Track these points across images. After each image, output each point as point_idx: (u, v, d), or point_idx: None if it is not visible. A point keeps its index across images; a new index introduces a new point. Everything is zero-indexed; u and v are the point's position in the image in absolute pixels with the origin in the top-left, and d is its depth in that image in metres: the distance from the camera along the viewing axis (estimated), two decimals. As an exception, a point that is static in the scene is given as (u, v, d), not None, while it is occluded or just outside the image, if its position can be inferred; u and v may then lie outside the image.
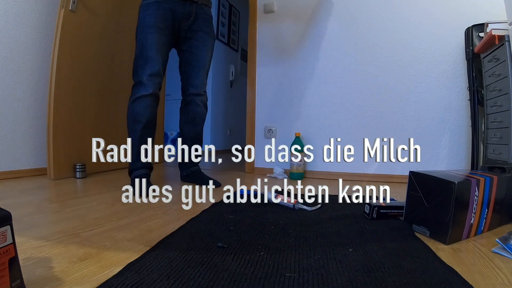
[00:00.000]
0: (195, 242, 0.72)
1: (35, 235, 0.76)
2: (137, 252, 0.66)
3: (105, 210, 1.03)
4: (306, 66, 1.96)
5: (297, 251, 0.68)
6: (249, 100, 2.10)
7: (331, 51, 1.91)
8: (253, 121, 2.09)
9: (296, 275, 0.56)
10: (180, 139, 1.42)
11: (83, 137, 1.76)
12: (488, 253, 0.69)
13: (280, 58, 2.02)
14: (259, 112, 2.08)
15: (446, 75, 1.72)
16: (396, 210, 0.94)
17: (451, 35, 1.69)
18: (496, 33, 1.26)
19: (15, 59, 1.64)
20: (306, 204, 1.07)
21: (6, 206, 0.48)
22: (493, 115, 1.37)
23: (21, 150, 1.69)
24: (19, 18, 1.64)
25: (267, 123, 2.06)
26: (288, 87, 2.00)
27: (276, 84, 2.03)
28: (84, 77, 1.80)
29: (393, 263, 0.61)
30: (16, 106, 1.66)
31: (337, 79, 1.89)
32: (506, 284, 0.54)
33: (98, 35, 1.85)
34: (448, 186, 0.74)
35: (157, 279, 0.53)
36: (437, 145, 1.74)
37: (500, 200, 0.84)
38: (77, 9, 1.66)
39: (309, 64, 1.95)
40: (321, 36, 1.93)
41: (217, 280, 0.53)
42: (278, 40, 2.03)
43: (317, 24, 1.94)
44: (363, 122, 1.85)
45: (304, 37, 1.97)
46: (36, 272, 0.56)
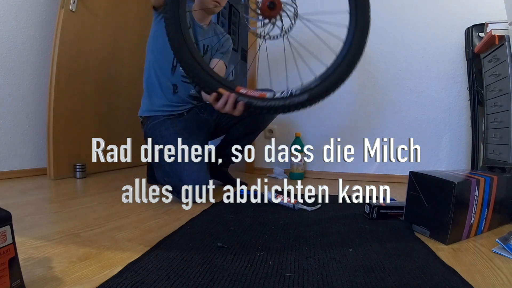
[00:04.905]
0: (195, 242, 0.72)
1: (35, 235, 0.76)
2: (137, 252, 0.66)
3: (105, 210, 1.03)
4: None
5: (297, 251, 0.68)
6: (249, 100, 2.09)
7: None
8: (253, 121, 2.08)
9: (296, 275, 0.56)
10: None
11: (83, 137, 1.76)
12: (488, 253, 0.69)
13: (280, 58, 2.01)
14: (259, 112, 2.08)
15: (446, 75, 1.72)
16: (396, 210, 0.94)
17: (451, 35, 1.69)
18: (496, 33, 1.26)
19: (15, 59, 1.64)
20: (306, 204, 1.07)
21: (6, 206, 0.48)
22: (493, 115, 1.37)
23: (21, 150, 1.69)
24: (19, 18, 1.64)
25: (267, 123, 2.06)
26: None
27: (276, 84, 2.03)
28: (84, 77, 1.79)
29: (393, 263, 0.61)
30: (16, 106, 1.66)
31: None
32: (506, 284, 0.54)
33: (98, 35, 1.85)
34: (448, 186, 0.74)
35: (157, 279, 0.53)
36: (437, 145, 1.74)
37: (500, 200, 0.84)
38: (77, 9, 1.66)
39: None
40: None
41: (217, 280, 0.53)
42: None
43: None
44: (363, 122, 1.84)
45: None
46: (36, 272, 0.56)
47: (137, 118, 1.49)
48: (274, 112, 0.96)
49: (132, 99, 2.12)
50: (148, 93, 1.38)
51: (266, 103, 0.94)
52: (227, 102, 0.94)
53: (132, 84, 2.16)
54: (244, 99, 0.95)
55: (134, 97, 2.10)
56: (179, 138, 1.05)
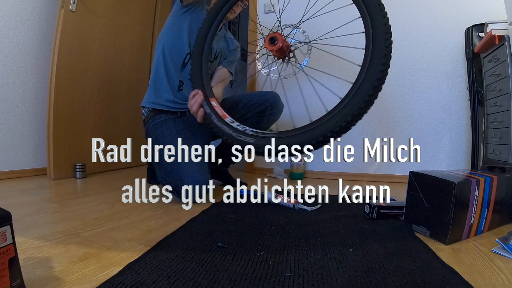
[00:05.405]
0: (195, 242, 0.72)
1: (35, 235, 0.76)
2: (137, 252, 0.66)
3: (105, 210, 1.03)
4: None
5: (297, 251, 0.68)
6: (249, 100, 2.09)
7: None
8: (253, 121, 2.08)
9: (296, 275, 0.56)
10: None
11: (83, 137, 1.76)
12: (488, 253, 0.69)
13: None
14: (259, 112, 2.07)
15: (446, 75, 1.72)
16: (396, 210, 0.94)
17: (451, 35, 1.69)
18: (496, 33, 1.26)
19: (15, 59, 1.64)
20: (306, 204, 1.07)
21: (6, 206, 0.48)
22: (493, 115, 1.37)
23: (21, 150, 1.69)
24: (19, 18, 1.64)
25: (267, 123, 2.05)
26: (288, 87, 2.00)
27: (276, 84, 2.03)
28: (84, 77, 1.79)
29: (393, 263, 0.61)
30: (16, 106, 1.66)
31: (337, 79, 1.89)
32: (506, 284, 0.54)
33: (98, 35, 1.85)
34: (448, 186, 0.74)
35: (157, 279, 0.53)
36: (437, 145, 1.74)
37: (500, 200, 0.84)
38: (77, 9, 1.66)
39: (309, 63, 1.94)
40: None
41: (217, 280, 0.53)
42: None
43: (317, 24, 1.93)
44: (363, 122, 1.83)
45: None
46: (36, 272, 0.56)
47: (137, 118, 1.49)
48: (221, 136, 0.97)
49: (132, 99, 2.12)
50: (155, 87, 1.39)
51: (219, 124, 0.97)
52: (195, 103, 1.04)
53: (132, 84, 2.16)
54: (207, 109, 1.02)
55: (134, 97, 2.11)
56: (180, 138, 1.06)
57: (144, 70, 2.29)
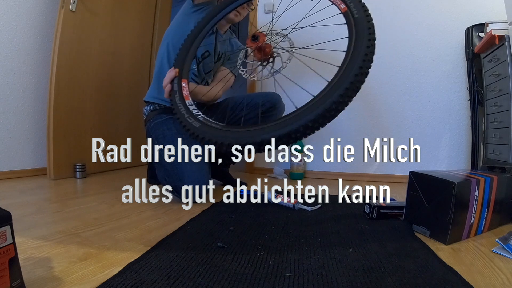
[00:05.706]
0: (195, 242, 0.72)
1: (35, 235, 0.76)
2: (137, 252, 0.66)
3: (105, 210, 1.03)
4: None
5: (297, 251, 0.68)
6: (249, 100, 2.09)
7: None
8: (253, 121, 2.08)
9: (296, 275, 0.56)
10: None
11: (83, 137, 1.76)
12: (488, 253, 0.69)
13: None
14: (259, 112, 2.08)
15: (446, 75, 1.72)
16: (396, 210, 0.94)
17: (451, 35, 1.69)
18: (496, 33, 1.26)
19: (15, 59, 1.64)
20: (306, 204, 1.07)
21: (6, 206, 0.48)
22: (493, 115, 1.37)
23: (21, 150, 1.69)
24: (19, 18, 1.64)
25: (267, 123, 2.05)
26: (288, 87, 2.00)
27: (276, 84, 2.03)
28: (84, 77, 1.80)
29: (393, 263, 0.61)
30: (16, 106, 1.66)
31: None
32: (506, 284, 0.54)
33: (98, 35, 1.85)
34: (448, 186, 0.74)
35: (157, 279, 0.53)
36: (437, 145, 1.74)
37: (500, 200, 0.84)
38: (77, 9, 1.66)
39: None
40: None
41: (217, 280, 0.53)
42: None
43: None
44: (363, 122, 1.84)
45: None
46: (36, 272, 0.56)
47: (137, 118, 1.49)
48: (175, 114, 0.96)
49: (132, 99, 2.12)
50: (158, 83, 1.39)
51: (179, 102, 0.99)
52: (167, 77, 1.07)
53: (132, 84, 2.16)
54: (175, 86, 1.05)
55: (134, 97, 2.11)
56: (180, 137, 1.06)
57: (144, 70, 2.29)
